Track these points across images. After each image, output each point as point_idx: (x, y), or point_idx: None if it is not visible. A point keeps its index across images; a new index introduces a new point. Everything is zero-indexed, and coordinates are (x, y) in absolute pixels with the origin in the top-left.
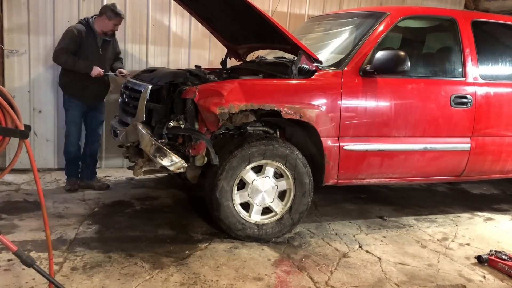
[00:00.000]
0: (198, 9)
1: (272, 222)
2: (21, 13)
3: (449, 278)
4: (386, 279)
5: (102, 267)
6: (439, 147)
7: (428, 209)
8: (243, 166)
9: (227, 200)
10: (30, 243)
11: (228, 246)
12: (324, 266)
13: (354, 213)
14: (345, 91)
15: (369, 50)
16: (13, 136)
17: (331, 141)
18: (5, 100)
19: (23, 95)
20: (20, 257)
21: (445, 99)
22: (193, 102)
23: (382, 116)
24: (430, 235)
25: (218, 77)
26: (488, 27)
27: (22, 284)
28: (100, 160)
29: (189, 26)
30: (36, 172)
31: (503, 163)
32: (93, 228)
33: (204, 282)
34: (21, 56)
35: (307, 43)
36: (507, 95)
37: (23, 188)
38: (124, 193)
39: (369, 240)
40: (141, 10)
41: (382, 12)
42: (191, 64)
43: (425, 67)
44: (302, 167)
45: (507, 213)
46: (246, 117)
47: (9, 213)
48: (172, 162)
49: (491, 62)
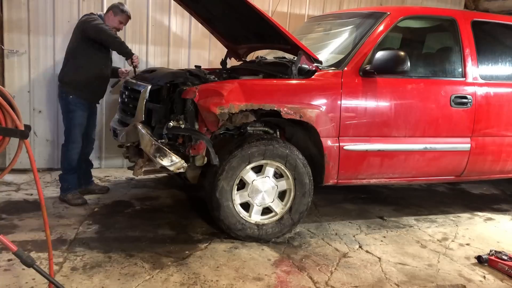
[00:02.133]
0: (198, 9)
1: (272, 222)
2: (21, 13)
3: (449, 278)
4: (386, 279)
5: (102, 267)
6: (439, 147)
7: (428, 209)
8: (243, 166)
9: (227, 200)
10: (30, 243)
11: (228, 246)
12: (324, 266)
13: (354, 213)
14: (345, 91)
15: (369, 50)
16: (13, 136)
17: (331, 141)
18: (5, 100)
19: (23, 95)
20: (20, 257)
21: (445, 99)
22: (193, 102)
23: (382, 116)
24: (430, 235)
25: (218, 77)
26: (488, 27)
27: (22, 284)
28: (100, 160)
29: (189, 26)
30: (36, 172)
31: (503, 163)
32: (93, 228)
33: (204, 282)
34: (21, 56)
35: (307, 43)
36: (507, 95)
37: (23, 188)
38: (124, 193)
39: (369, 240)
40: (141, 10)
41: (382, 12)
42: (191, 64)
43: (425, 67)
44: (302, 167)
45: (507, 213)
46: (246, 117)
47: (9, 213)
48: (172, 162)
49: (491, 62)
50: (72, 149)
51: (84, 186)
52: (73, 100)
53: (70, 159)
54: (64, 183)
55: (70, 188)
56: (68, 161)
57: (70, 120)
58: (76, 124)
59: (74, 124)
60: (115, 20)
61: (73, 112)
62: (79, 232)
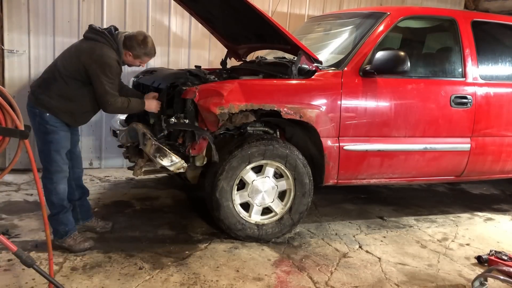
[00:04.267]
0: (198, 9)
1: (272, 222)
2: (21, 13)
3: (449, 278)
4: (386, 279)
5: (102, 267)
6: (439, 147)
7: (428, 209)
8: (243, 166)
9: (227, 200)
10: (30, 243)
11: (228, 246)
12: (324, 266)
13: (354, 213)
14: (345, 91)
15: (369, 50)
16: (13, 136)
17: (331, 141)
18: (5, 100)
19: (23, 95)
20: (20, 257)
21: (445, 99)
22: (193, 102)
23: (382, 116)
24: (430, 235)
25: (218, 77)
26: (488, 27)
27: (22, 284)
28: (100, 160)
29: (189, 26)
30: (36, 172)
31: (503, 163)
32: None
33: (204, 282)
34: (21, 56)
35: (307, 43)
36: (507, 95)
37: (23, 188)
38: (124, 193)
39: (369, 240)
40: (141, 10)
41: (382, 12)
42: (191, 64)
43: (425, 67)
44: (302, 167)
45: (507, 213)
46: (246, 117)
47: (9, 213)
48: (172, 162)
49: (491, 62)
50: (58, 180)
51: (82, 222)
52: (50, 119)
53: (59, 194)
54: (59, 227)
55: (68, 230)
56: (57, 197)
57: (48, 143)
58: (59, 149)
59: (56, 150)
60: (134, 62)
61: (52, 134)
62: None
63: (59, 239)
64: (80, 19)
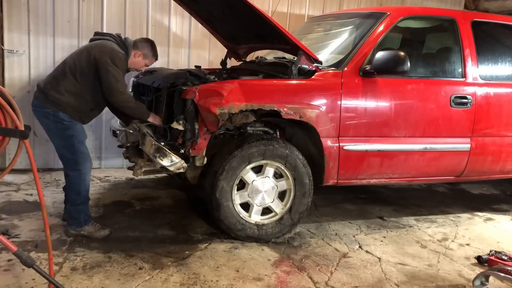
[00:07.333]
0: (198, 9)
1: (272, 222)
2: (21, 13)
3: (449, 279)
4: (386, 279)
5: (102, 267)
6: (439, 147)
7: (428, 209)
8: (243, 166)
9: (227, 200)
10: (30, 243)
11: (228, 246)
12: (324, 266)
13: (354, 213)
14: (345, 91)
15: (369, 51)
16: (13, 136)
17: (331, 141)
18: (5, 100)
19: (23, 95)
20: (20, 257)
21: (445, 99)
22: (193, 102)
23: (382, 116)
24: (430, 235)
25: (218, 77)
26: (488, 28)
27: (22, 284)
28: (100, 160)
29: (189, 26)
30: (36, 172)
31: (503, 163)
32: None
33: (204, 283)
34: (21, 56)
35: (307, 43)
36: (507, 95)
37: (23, 188)
38: (124, 193)
39: (369, 240)
40: (141, 10)
41: (382, 12)
42: (191, 64)
43: (425, 67)
44: (302, 167)
45: (507, 213)
46: (246, 117)
47: (9, 213)
48: (172, 162)
49: (491, 62)
50: (86, 171)
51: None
52: (65, 116)
53: (87, 185)
54: (81, 215)
55: (88, 218)
56: (85, 188)
57: (70, 137)
58: (82, 140)
59: (80, 141)
60: (141, 63)
61: (72, 128)
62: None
63: (78, 228)
64: (80, 19)
